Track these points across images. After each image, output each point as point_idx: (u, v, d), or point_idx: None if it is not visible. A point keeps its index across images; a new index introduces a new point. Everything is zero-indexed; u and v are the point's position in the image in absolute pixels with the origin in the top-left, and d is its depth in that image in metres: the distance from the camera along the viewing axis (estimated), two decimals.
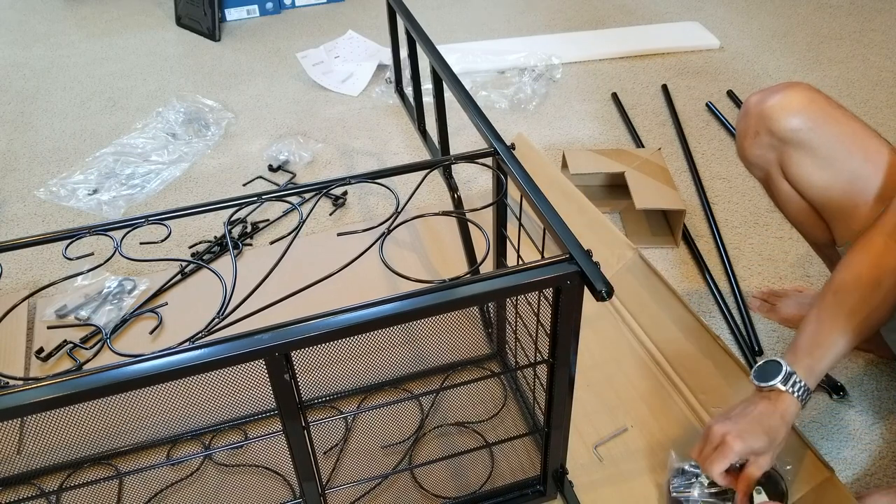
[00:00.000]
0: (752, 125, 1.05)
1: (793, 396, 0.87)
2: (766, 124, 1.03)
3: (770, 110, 1.02)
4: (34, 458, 1.09)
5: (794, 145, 1.02)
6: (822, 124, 1.00)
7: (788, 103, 1.01)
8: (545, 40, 2.45)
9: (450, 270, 1.44)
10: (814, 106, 1.01)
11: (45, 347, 1.33)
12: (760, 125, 1.04)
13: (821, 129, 1.00)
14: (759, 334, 1.32)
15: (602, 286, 0.71)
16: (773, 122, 1.02)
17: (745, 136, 1.08)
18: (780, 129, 1.02)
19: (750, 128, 1.06)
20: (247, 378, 0.76)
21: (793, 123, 1.01)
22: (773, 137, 1.04)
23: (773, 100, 1.02)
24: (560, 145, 1.91)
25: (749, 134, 1.07)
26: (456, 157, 0.95)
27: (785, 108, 1.01)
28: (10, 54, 2.56)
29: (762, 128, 1.04)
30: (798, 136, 1.01)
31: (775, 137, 1.03)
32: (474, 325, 1.24)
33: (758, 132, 1.05)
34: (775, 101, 1.02)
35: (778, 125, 1.02)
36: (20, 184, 1.86)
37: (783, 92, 1.02)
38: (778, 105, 1.02)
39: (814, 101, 1.01)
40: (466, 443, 1.11)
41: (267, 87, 2.27)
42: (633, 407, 1.15)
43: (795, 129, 1.01)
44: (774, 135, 1.03)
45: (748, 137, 1.08)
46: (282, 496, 1.05)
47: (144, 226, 0.86)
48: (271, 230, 1.63)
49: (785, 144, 1.03)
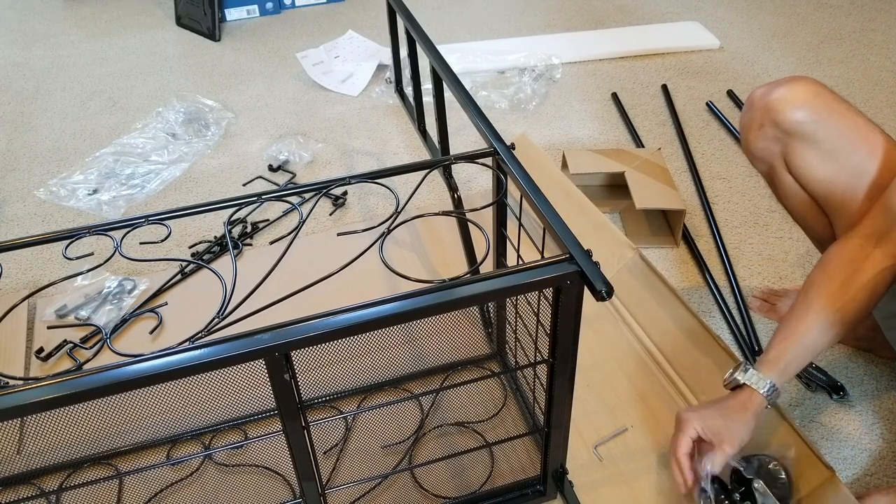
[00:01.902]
0: (758, 117, 1.06)
1: (753, 388, 0.93)
2: (772, 116, 1.03)
3: (775, 102, 1.03)
4: (34, 458, 1.09)
5: (798, 137, 1.02)
6: (827, 117, 1.00)
7: (794, 96, 1.02)
8: (545, 40, 2.45)
9: (450, 270, 1.44)
10: (818, 99, 1.01)
11: (45, 347, 1.33)
12: (765, 117, 1.04)
13: (825, 123, 1.00)
14: (759, 334, 1.32)
15: (602, 286, 0.71)
16: (777, 113, 1.02)
17: (750, 129, 1.08)
18: (785, 120, 1.02)
19: (755, 120, 1.07)
20: (247, 378, 0.76)
21: (798, 115, 1.01)
22: (777, 129, 1.04)
23: (778, 92, 1.03)
24: (560, 145, 1.91)
25: (754, 126, 1.07)
26: (456, 157, 0.95)
27: (790, 101, 1.01)
28: (10, 54, 2.56)
29: (767, 120, 1.04)
30: (803, 129, 1.01)
31: (780, 129, 1.03)
32: (474, 324, 1.24)
33: (763, 124, 1.05)
34: (780, 93, 1.02)
35: (783, 117, 1.02)
36: (20, 184, 1.86)
37: (788, 84, 1.02)
38: (783, 97, 1.02)
39: (819, 94, 1.01)
40: (466, 443, 1.11)
41: (267, 87, 2.27)
42: (633, 407, 1.15)
43: (800, 122, 1.01)
44: (779, 127, 1.03)
45: (753, 129, 1.08)
46: (282, 496, 1.05)
47: (144, 226, 0.85)
48: (271, 230, 1.63)
49: (789, 137, 1.03)
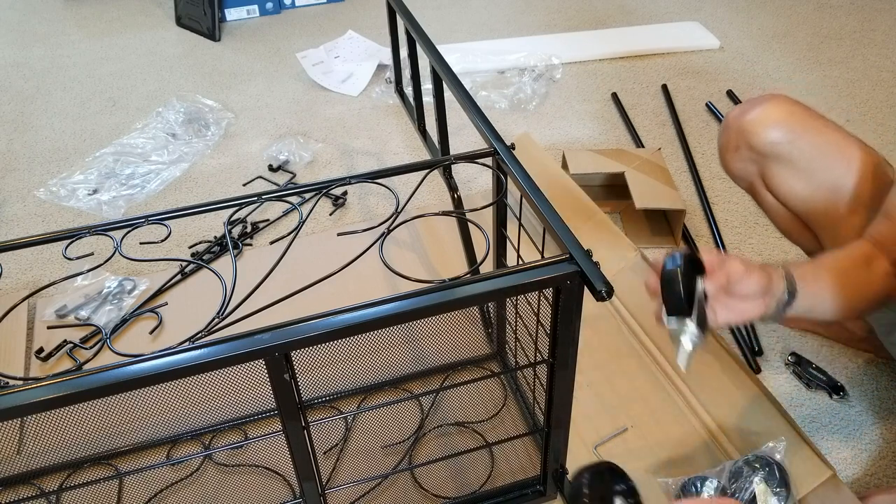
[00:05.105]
0: (733, 139, 1.06)
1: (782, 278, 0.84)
2: (746, 139, 1.03)
3: (748, 124, 1.03)
4: (34, 458, 1.09)
5: (773, 158, 1.03)
6: (801, 136, 1.00)
7: (767, 117, 1.02)
8: (545, 40, 2.45)
9: (450, 270, 1.44)
10: (792, 118, 1.01)
11: (45, 347, 1.33)
12: (740, 139, 1.04)
13: (800, 142, 1.00)
14: (759, 334, 1.32)
15: (602, 286, 0.71)
16: (751, 136, 1.03)
17: (727, 150, 1.09)
18: (759, 143, 1.02)
19: (730, 142, 1.07)
20: (247, 378, 0.76)
21: (771, 137, 1.01)
22: (752, 151, 1.04)
23: (751, 114, 1.03)
24: (560, 145, 1.91)
25: (730, 148, 1.08)
26: (456, 157, 0.95)
27: (763, 122, 1.02)
28: (10, 54, 2.56)
29: (742, 142, 1.04)
30: (777, 150, 1.01)
31: (755, 151, 1.04)
32: (474, 325, 1.24)
33: (738, 146, 1.06)
34: (754, 115, 1.02)
35: (757, 140, 1.02)
36: (20, 184, 1.86)
37: (762, 105, 1.02)
38: (756, 119, 1.02)
39: (792, 113, 1.01)
40: (466, 443, 1.11)
41: (267, 87, 2.27)
42: (633, 407, 1.15)
43: (774, 143, 1.01)
44: (754, 149, 1.03)
45: (729, 151, 1.08)
46: (282, 496, 1.05)
47: (144, 226, 0.85)
48: (271, 230, 1.63)
49: (765, 158, 1.04)
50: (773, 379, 1.24)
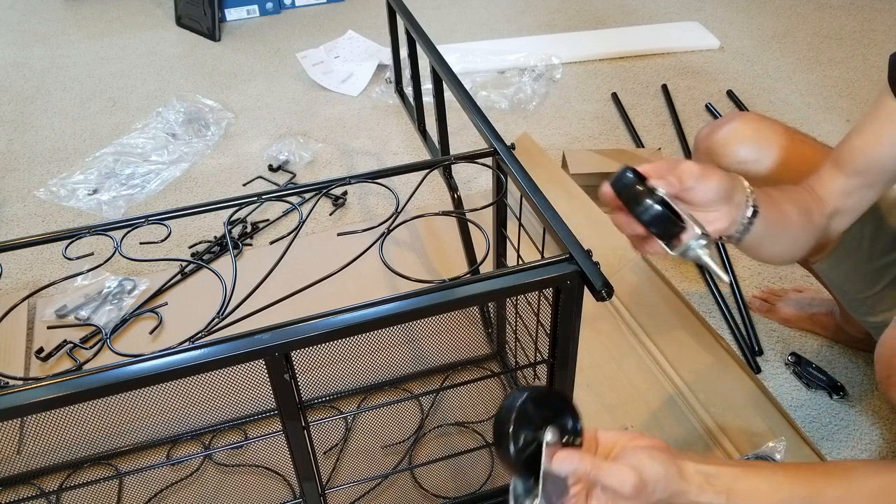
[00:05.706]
0: (702, 160, 1.07)
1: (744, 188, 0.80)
2: (714, 159, 1.04)
3: (716, 145, 1.04)
4: (34, 458, 1.09)
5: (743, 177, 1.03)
6: (768, 153, 1.01)
7: (734, 136, 1.02)
8: (545, 40, 2.45)
9: (450, 270, 1.44)
10: (758, 136, 1.02)
11: (45, 347, 1.33)
12: (708, 159, 1.05)
13: (767, 160, 1.01)
14: (759, 334, 1.32)
15: (602, 286, 0.71)
16: (720, 157, 1.03)
17: None
18: (727, 163, 1.03)
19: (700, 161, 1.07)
20: (247, 378, 0.76)
21: (739, 155, 1.01)
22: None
23: (719, 134, 1.04)
24: (560, 145, 1.91)
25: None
26: (456, 157, 0.95)
27: (730, 142, 1.02)
28: (10, 54, 2.56)
29: (710, 162, 1.05)
30: (745, 168, 1.02)
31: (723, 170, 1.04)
32: (474, 325, 1.24)
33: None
34: (721, 134, 1.03)
35: (725, 160, 1.03)
36: (20, 184, 1.86)
37: (729, 124, 1.03)
38: (723, 139, 1.03)
39: (758, 130, 1.02)
40: (466, 443, 1.11)
41: (267, 87, 2.27)
42: (633, 407, 1.15)
43: (742, 161, 1.02)
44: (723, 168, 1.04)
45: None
46: (282, 496, 1.05)
47: (144, 226, 0.85)
48: (271, 230, 1.63)
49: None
50: (773, 379, 1.24)
